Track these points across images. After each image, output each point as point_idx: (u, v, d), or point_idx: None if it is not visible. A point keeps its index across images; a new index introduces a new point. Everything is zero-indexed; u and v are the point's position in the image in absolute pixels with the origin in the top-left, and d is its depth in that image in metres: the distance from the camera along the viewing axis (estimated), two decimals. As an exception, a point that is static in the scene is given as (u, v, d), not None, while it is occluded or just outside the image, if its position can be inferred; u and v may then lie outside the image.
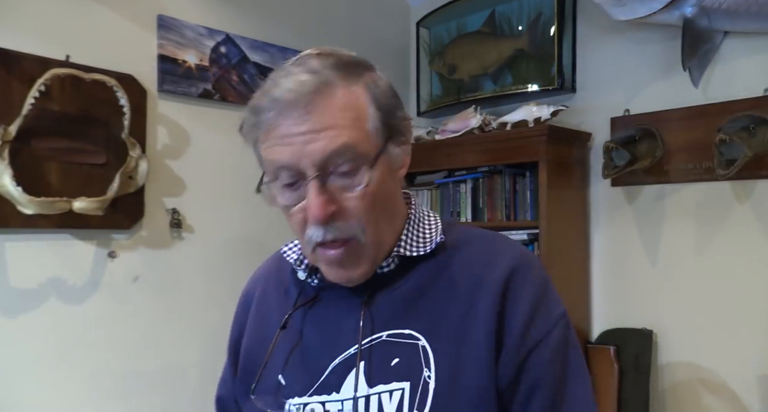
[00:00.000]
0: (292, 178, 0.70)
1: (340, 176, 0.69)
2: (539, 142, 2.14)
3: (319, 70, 0.70)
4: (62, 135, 1.83)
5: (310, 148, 0.68)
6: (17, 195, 1.67)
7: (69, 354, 1.87)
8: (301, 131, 0.68)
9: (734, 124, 1.77)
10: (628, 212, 2.18)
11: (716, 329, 1.94)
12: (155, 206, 2.06)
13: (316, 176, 0.68)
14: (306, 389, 0.75)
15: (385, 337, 0.73)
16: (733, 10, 1.81)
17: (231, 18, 2.28)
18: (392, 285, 0.76)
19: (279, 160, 0.70)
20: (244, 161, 2.38)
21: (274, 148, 0.71)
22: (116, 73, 1.92)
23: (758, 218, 1.87)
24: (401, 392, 0.70)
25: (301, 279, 0.82)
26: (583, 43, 2.32)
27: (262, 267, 0.95)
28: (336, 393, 0.73)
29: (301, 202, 0.71)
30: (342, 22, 2.65)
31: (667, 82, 2.07)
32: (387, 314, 0.74)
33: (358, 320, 0.74)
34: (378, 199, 0.71)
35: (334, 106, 0.69)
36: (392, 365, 0.72)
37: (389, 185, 0.74)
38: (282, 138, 0.69)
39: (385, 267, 0.76)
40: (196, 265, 2.16)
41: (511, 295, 0.72)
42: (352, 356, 0.73)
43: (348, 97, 0.70)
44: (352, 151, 0.68)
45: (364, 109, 0.71)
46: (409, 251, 0.76)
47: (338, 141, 0.68)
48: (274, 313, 0.84)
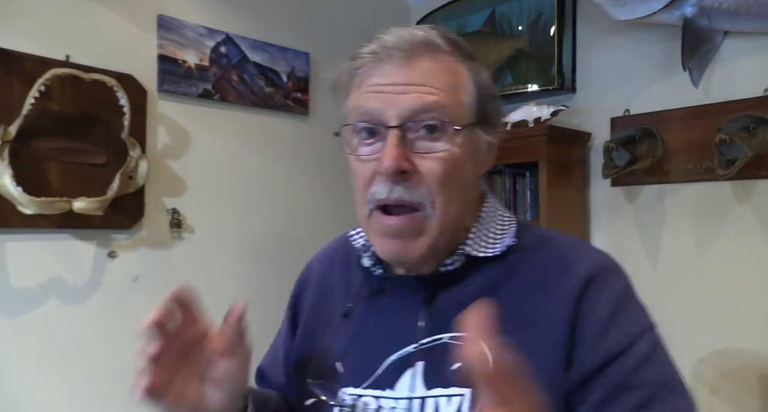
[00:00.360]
0: (373, 124, 0.68)
1: (423, 136, 0.67)
2: (539, 142, 2.14)
3: (433, 35, 0.69)
4: (62, 135, 1.83)
5: (401, 98, 0.66)
6: (17, 195, 1.67)
7: (69, 354, 1.87)
8: (395, 82, 0.66)
9: (734, 124, 1.77)
10: (628, 211, 2.18)
11: (716, 329, 1.94)
12: (155, 206, 2.06)
13: (397, 126, 0.66)
14: (361, 380, 0.73)
15: (446, 339, 0.70)
16: (733, 10, 1.81)
17: (231, 18, 2.28)
18: (456, 285, 0.72)
19: (366, 106, 0.68)
20: (244, 161, 2.40)
21: (364, 95, 0.69)
22: (116, 73, 1.92)
23: (758, 218, 1.87)
24: (461, 398, 0.67)
25: (365, 266, 0.78)
26: (583, 43, 2.32)
27: (329, 245, 0.92)
28: (390, 390, 0.71)
29: (375, 153, 0.68)
30: (342, 22, 2.65)
31: (667, 82, 2.07)
32: (450, 315, 0.68)
33: (418, 318, 0.71)
34: (455, 173, 0.68)
35: (436, 68, 0.67)
36: (453, 369, 0.67)
37: (468, 168, 0.71)
38: (375, 86, 0.68)
39: (450, 265, 0.72)
40: (196, 265, 2.16)
41: (587, 300, 0.66)
42: (409, 354, 0.71)
43: (451, 65, 0.69)
44: (441, 113, 0.66)
45: (464, 81, 0.70)
46: (477, 250, 0.72)
47: (430, 99, 0.66)
48: (337, 297, 0.82)
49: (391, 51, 0.67)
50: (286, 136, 2.44)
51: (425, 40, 0.67)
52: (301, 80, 2.46)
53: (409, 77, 0.66)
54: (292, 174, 2.45)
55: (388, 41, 0.68)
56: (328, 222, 2.53)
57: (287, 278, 2.68)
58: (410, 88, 0.66)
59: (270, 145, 2.39)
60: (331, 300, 0.83)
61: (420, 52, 0.67)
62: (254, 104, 2.32)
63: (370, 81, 0.68)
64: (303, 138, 2.49)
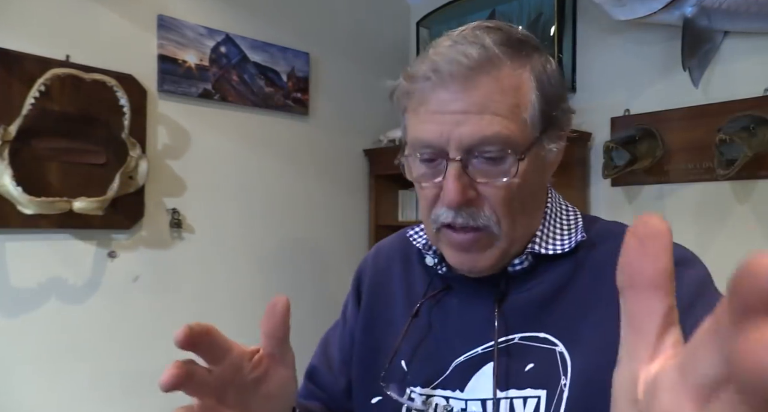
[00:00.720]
0: (433, 155, 0.66)
1: (484, 162, 0.65)
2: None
3: (489, 45, 0.63)
4: (62, 135, 1.83)
5: (460, 130, 0.63)
6: (17, 195, 1.67)
7: (69, 354, 1.87)
8: (454, 109, 0.63)
9: (734, 124, 1.77)
10: (628, 212, 2.18)
11: (716, 329, 1.94)
12: (155, 206, 2.07)
13: (459, 160, 0.64)
14: (429, 381, 0.72)
15: (518, 339, 0.69)
16: (733, 10, 1.81)
17: (231, 18, 2.28)
18: (525, 285, 0.71)
19: (424, 139, 0.66)
20: (244, 161, 2.40)
21: (422, 126, 0.66)
22: (116, 73, 1.92)
23: (758, 218, 1.87)
24: (536, 400, 0.66)
25: (429, 265, 0.76)
26: (583, 43, 2.32)
27: (387, 243, 0.89)
28: (460, 391, 0.70)
29: (436, 179, 0.67)
30: (342, 22, 2.65)
31: (667, 82, 2.07)
32: (520, 315, 0.69)
33: (488, 318, 0.70)
34: (520, 193, 0.67)
35: (495, 88, 0.63)
36: (526, 370, 0.67)
37: (535, 181, 0.69)
38: (432, 114, 0.65)
39: (518, 265, 0.70)
40: (196, 265, 2.16)
41: None
42: (479, 355, 0.70)
43: (511, 80, 0.64)
44: (504, 141, 0.63)
45: (526, 95, 0.65)
46: (545, 248, 0.70)
47: (490, 129, 0.63)
48: (398, 294, 0.80)
49: (440, 71, 0.63)
50: (286, 136, 2.44)
51: (481, 61, 0.63)
52: (301, 80, 2.46)
53: (468, 104, 0.63)
54: (291, 174, 2.45)
55: (441, 65, 0.63)
56: (328, 222, 2.53)
57: (287, 278, 2.70)
58: (469, 117, 0.63)
59: (270, 145, 2.39)
60: (391, 298, 0.81)
61: (477, 76, 0.62)
62: (254, 104, 2.32)
63: (428, 107, 0.65)
64: (303, 138, 2.49)
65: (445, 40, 0.66)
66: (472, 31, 0.66)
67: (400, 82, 0.70)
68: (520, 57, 0.65)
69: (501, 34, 0.65)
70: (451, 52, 0.63)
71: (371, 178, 2.70)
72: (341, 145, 2.61)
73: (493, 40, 0.64)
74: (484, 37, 0.64)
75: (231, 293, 2.26)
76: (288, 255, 2.43)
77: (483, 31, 0.65)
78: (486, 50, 0.63)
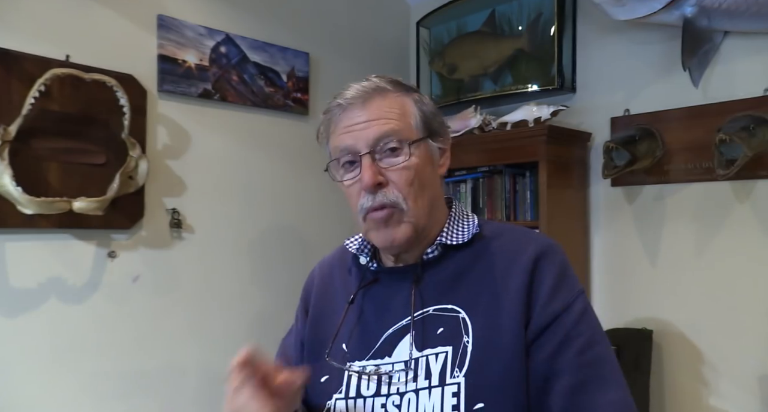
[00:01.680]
0: (351, 157, 0.89)
1: (387, 155, 0.89)
2: (539, 142, 2.14)
3: (376, 81, 0.92)
4: (62, 135, 1.83)
5: (365, 132, 0.88)
6: (17, 195, 1.67)
7: (69, 354, 1.87)
8: (359, 121, 0.89)
9: (734, 124, 1.77)
10: (628, 211, 2.18)
11: (716, 329, 1.94)
12: (155, 206, 2.07)
13: (368, 153, 0.88)
14: (364, 355, 0.91)
15: (431, 311, 0.89)
16: (733, 10, 1.81)
17: (231, 18, 2.28)
18: (436, 269, 0.92)
19: (342, 144, 0.90)
20: (244, 161, 2.40)
21: (339, 137, 0.90)
22: (116, 73, 1.92)
23: (758, 218, 1.87)
24: (445, 354, 0.86)
25: (362, 263, 0.98)
26: (583, 43, 2.32)
27: (328, 257, 1.11)
28: (388, 357, 0.89)
29: (355, 174, 0.89)
30: (342, 21, 2.65)
31: (667, 82, 2.07)
32: (433, 292, 0.90)
33: (409, 297, 0.91)
34: (417, 177, 0.89)
35: (385, 104, 0.90)
36: (438, 333, 0.87)
37: (427, 172, 0.92)
38: (345, 128, 0.90)
39: (430, 254, 0.93)
40: (196, 265, 2.16)
41: (538, 273, 0.87)
42: (404, 326, 0.90)
43: (396, 100, 0.91)
44: (397, 135, 0.88)
45: (409, 108, 0.92)
46: (450, 240, 0.93)
47: (386, 127, 0.88)
48: (338, 293, 1.01)
49: (351, 100, 0.90)
50: (286, 136, 2.44)
51: (374, 87, 0.90)
52: (301, 80, 2.46)
53: (368, 115, 0.89)
54: (291, 174, 2.45)
55: (347, 94, 0.90)
56: (328, 222, 2.53)
57: (287, 277, 2.69)
58: (371, 123, 0.88)
59: (270, 145, 2.39)
60: (333, 297, 1.01)
61: (372, 96, 0.90)
62: (254, 104, 2.32)
63: (341, 125, 0.90)
64: (303, 138, 2.49)
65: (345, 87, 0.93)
66: (367, 79, 0.93)
67: (321, 121, 0.95)
68: (401, 90, 0.93)
69: (387, 78, 0.93)
70: (354, 86, 0.92)
71: (371, 178, 2.70)
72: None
73: (381, 80, 0.92)
74: (374, 79, 0.93)
75: (231, 292, 2.26)
76: (287, 255, 2.43)
77: (376, 77, 0.93)
78: (376, 84, 0.91)
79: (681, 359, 2.01)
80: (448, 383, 0.84)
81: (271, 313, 2.33)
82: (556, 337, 0.83)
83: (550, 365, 0.82)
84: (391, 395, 0.87)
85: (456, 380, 0.83)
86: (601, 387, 0.81)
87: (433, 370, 0.85)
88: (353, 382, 0.90)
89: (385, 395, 0.87)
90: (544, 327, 0.84)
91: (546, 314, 0.84)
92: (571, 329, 0.84)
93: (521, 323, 0.84)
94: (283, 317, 2.02)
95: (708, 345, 1.96)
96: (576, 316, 0.85)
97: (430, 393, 0.84)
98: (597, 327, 0.87)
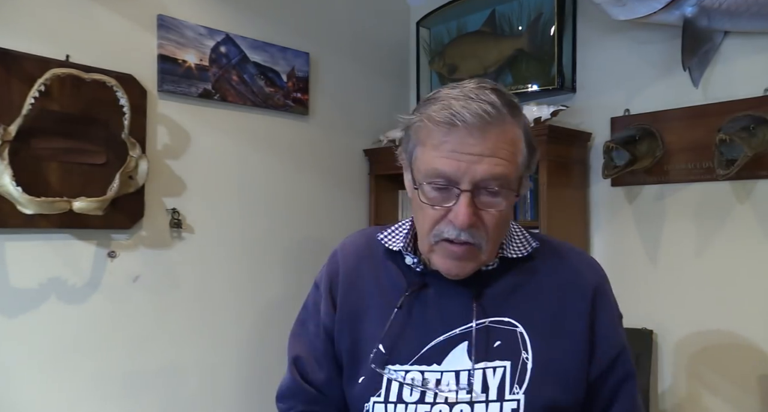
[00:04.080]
0: (446, 184, 0.83)
1: (487, 194, 0.84)
2: (539, 142, 2.10)
3: (498, 105, 0.82)
4: (62, 135, 1.83)
5: (475, 167, 0.81)
6: (17, 195, 1.67)
7: (69, 354, 1.87)
8: (471, 152, 0.81)
9: (734, 124, 1.77)
10: (628, 211, 2.18)
11: (716, 329, 1.94)
12: (155, 206, 2.07)
13: (471, 190, 0.82)
14: (406, 359, 0.89)
15: (488, 323, 0.88)
16: (733, 10, 1.81)
17: (231, 18, 2.28)
18: (494, 281, 0.92)
19: (442, 170, 0.83)
20: (244, 161, 2.40)
21: (441, 159, 0.83)
22: (116, 73, 1.92)
23: (758, 218, 1.87)
24: (503, 369, 0.85)
25: (408, 264, 0.95)
26: (583, 43, 2.32)
27: (350, 243, 1.04)
28: (437, 365, 0.87)
29: (446, 203, 0.84)
30: (342, 21, 2.65)
31: (667, 82, 2.07)
32: (489, 304, 0.90)
33: (466, 306, 0.89)
34: (505, 220, 0.88)
35: (502, 138, 0.83)
36: (495, 346, 0.86)
37: (508, 218, 0.91)
38: (452, 152, 0.82)
39: (490, 266, 0.92)
40: (196, 265, 2.16)
41: (599, 303, 0.91)
42: (457, 335, 0.88)
43: (513, 133, 0.85)
44: (505, 180, 0.83)
45: (520, 145, 0.86)
46: (510, 253, 0.93)
47: (498, 169, 0.82)
48: (374, 288, 0.96)
49: (465, 121, 0.80)
50: (286, 136, 2.44)
51: (495, 113, 0.81)
52: (301, 80, 2.46)
53: (482, 148, 0.81)
54: (292, 174, 2.45)
55: (460, 112, 0.80)
56: (328, 222, 2.53)
57: (286, 277, 2.69)
58: (483, 158, 0.81)
59: (270, 145, 2.39)
60: (366, 293, 0.96)
61: (492, 128, 0.81)
62: (254, 104, 2.32)
63: (446, 146, 0.82)
64: (303, 138, 2.49)
65: (458, 92, 0.84)
66: (481, 89, 0.84)
67: (417, 119, 0.86)
68: (515, 115, 0.85)
69: (502, 95, 0.84)
70: (472, 106, 0.81)
71: (371, 178, 2.70)
72: (341, 145, 2.61)
73: (499, 100, 0.83)
74: (492, 96, 0.83)
75: (230, 292, 2.26)
76: (288, 255, 2.43)
77: (489, 92, 0.84)
78: (497, 109, 0.81)
79: (681, 359, 2.01)
80: (507, 399, 0.83)
81: (271, 313, 2.33)
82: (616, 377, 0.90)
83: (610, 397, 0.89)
84: (437, 404, 0.85)
85: (516, 397, 0.83)
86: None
87: (491, 384, 0.84)
88: (394, 386, 0.88)
89: (431, 404, 0.85)
90: (610, 363, 0.89)
91: (612, 348, 0.89)
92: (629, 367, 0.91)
93: (585, 349, 0.87)
94: (283, 317, 2.02)
95: (708, 345, 1.96)
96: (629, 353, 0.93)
97: (487, 407, 0.83)
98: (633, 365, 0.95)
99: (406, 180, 0.92)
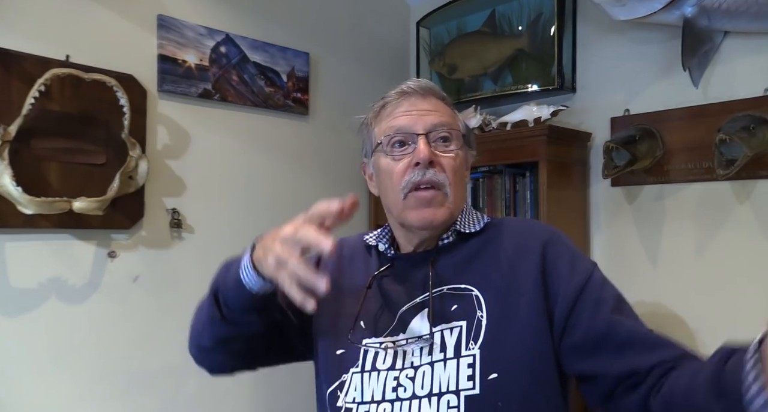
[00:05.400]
0: (404, 137, 0.98)
1: (439, 142, 0.99)
2: (539, 142, 2.14)
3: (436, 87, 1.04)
4: (62, 135, 1.83)
5: (424, 118, 0.98)
6: (17, 195, 1.67)
7: (69, 354, 1.87)
8: (418, 108, 0.99)
9: (734, 124, 1.77)
10: (628, 212, 2.18)
11: (716, 329, 1.94)
12: (155, 206, 2.07)
13: (425, 134, 0.97)
14: (381, 332, 0.98)
15: (445, 290, 0.96)
16: (733, 10, 1.81)
17: (231, 18, 2.28)
18: (451, 254, 1.00)
19: (399, 124, 0.99)
20: (244, 161, 2.40)
21: (396, 119, 0.99)
22: (116, 73, 1.92)
23: (758, 218, 1.87)
24: (459, 328, 0.91)
25: (381, 250, 1.06)
26: (583, 43, 2.32)
27: (349, 240, 1.16)
28: (402, 333, 0.95)
29: (406, 152, 0.98)
30: (342, 21, 2.65)
31: (667, 82, 2.07)
32: (447, 273, 0.98)
33: (424, 277, 0.98)
34: (460, 168, 0.99)
35: (441, 104, 1.02)
36: (452, 309, 0.94)
37: (463, 170, 1.02)
38: (405, 111, 0.99)
39: (446, 239, 1.01)
40: (196, 265, 2.16)
41: (550, 253, 0.95)
42: (418, 304, 0.97)
43: (448, 107, 1.04)
44: (450, 127, 1.00)
45: (457, 118, 1.04)
46: (464, 228, 1.02)
47: (443, 119, 1.00)
48: (360, 273, 1.07)
49: (414, 88, 1.01)
50: (286, 136, 2.44)
51: (433, 87, 1.03)
52: (301, 80, 2.46)
53: (427, 105, 1.00)
54: (292, 174, 2.45)
55: (409, 84, 1.02)
56: (328, 222, 2.53)
57: (287, 278, 2.64)
58: (429, 112, 0.99)
59: (270, 145, 2.39)
60: (353, 276, 1.07)
61: (432, 93, 1.02)
62: (254, 104, 2.32)
63: (400, 109, 1.00)
64: (303, 138, 2.49)
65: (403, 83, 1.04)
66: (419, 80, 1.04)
67: (373, 107, 1.05)
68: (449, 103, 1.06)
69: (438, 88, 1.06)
70: (418, 82, 1.02)
71: (371, 178, 2.70)
72: (341, 145, 2.61)
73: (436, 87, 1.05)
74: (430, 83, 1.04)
75: (231, 293, 2.25)
76: (288, 255, 2.43)
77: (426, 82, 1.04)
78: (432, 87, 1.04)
79: (681, 359, 2.01)
80: (464, 354, 0.89)
81: (271, 313, 2.33)
82: (588, 305, 0.89)
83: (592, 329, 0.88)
84: (405, 369, 0.92)
85: (471, 352, 0.89)
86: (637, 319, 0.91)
87: (449, 343, 0.91)
88: (369, 356, 0.96)
89: (399, 369, 0.92)
90: (575, 300, 0.90)
91: (571, 286, 0.91)
92: (599, 294, 0.90)
93: (539, 299, 0.91)
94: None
95: (708, 345, 1.95)
96: (600, 283, 0.92)
97: (445, 365, 0.89)
98: (618, 292, 0.94)
99: (371, 186, 1.08)
